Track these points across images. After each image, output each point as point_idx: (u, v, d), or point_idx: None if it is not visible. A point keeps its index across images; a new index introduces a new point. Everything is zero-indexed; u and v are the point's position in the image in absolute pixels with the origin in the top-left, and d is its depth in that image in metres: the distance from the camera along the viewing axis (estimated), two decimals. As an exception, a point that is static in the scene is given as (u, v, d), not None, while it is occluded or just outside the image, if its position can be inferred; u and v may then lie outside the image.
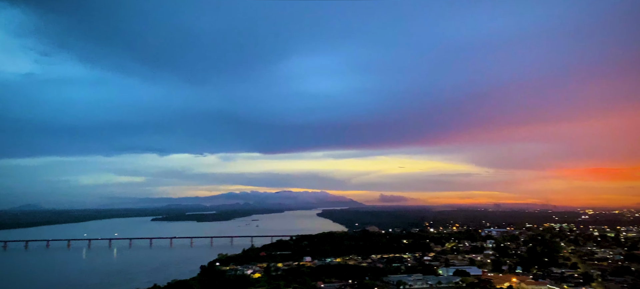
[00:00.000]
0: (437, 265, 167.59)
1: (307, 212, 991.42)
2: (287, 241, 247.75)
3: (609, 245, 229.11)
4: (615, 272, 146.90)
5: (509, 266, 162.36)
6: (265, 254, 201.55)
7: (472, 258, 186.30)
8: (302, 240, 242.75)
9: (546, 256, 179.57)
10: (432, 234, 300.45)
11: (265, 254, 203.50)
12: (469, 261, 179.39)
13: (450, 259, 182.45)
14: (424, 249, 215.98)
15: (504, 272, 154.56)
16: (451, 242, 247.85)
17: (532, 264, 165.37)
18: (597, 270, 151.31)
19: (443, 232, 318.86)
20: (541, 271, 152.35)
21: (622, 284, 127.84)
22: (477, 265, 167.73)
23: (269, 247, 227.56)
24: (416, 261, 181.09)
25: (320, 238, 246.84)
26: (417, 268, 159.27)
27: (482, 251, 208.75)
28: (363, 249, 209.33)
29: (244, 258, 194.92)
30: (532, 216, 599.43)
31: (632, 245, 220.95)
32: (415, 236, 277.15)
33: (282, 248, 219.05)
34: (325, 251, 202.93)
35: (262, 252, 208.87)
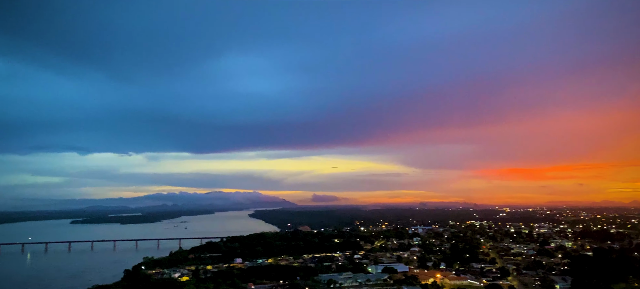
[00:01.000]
0: (366, 263, 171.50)
1: (239, 213, 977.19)
2: (217, 243, 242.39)
3: (524, 241, 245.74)
4: (528, 266, 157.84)
5: (434, 263, 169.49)
6: (194, 257, 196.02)
7: (399, 256, 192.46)
8: (233, 241, 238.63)
9: (467, 252, 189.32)
10: (363, 233, 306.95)
11: (194, 256, 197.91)
12: (396, 258, 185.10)
13: (379, 257, 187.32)
14: (355, 247, 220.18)
15: (429, 268, 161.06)
16: (380, 240, 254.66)
17: (455, 260, 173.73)
18: (512, 265, 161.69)
19: (373, 231, 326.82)
20: (463, 267, 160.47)
21: (534, 277, 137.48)
22: (404, 262, 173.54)
23: (198, 249, 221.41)
24: (347, 259, 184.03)
25: (252, 239, 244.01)
26: (347, 267, 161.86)
27: (409, 249, 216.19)
28: (295, 250, 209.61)
29: (171, 261, 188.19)
30: (455, 214, 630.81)
31: (543, 241, 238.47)
32: (346, 235, 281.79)
33: (212, 250, 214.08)
34: (257, 252, 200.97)
35: (190, 254, 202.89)
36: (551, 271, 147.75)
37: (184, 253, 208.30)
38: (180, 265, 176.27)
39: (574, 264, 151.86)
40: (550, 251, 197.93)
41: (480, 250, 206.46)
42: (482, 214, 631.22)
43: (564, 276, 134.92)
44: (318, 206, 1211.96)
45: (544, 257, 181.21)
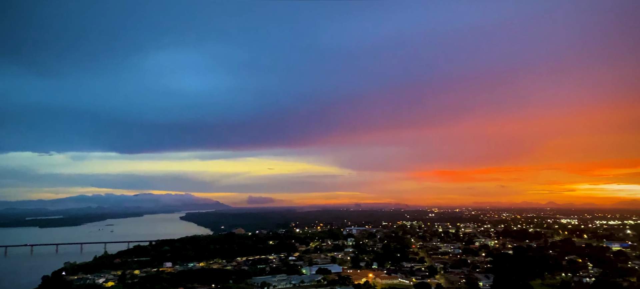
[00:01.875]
0: (301, 265, 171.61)
1: (170, 215, 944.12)
2: (146, 246, 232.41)
3: (451, 240, 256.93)
4: (454, 264, 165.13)
5: (366, 262, 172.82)
6: (120, 261, 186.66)
7: (334, 256, 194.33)
8: (163, 244, 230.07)
9: (398, 252, 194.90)
10: (298, 234, 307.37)
11: (120, 261, 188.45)
12: (330, 259, 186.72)
13: (313, 258, 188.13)
14: (290, 249, 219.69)
15: (362, 268, 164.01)
16: (315, 241, 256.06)
17: (387, 259, 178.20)
18: (440, 263, 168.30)
19: (308, 232, 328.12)
20: (394, 266, 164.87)
21: (460, 275, 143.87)
22: (338, 263, 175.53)
23: (126, 253, 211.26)
24: (281, 261, 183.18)
25: (183, 242, 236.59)
26: (281, 269, 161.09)
27: (343, 249, 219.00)
28: (228, 253, 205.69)
29: (95, 265, 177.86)
30: (387, 215, 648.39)
31: (468, 240, 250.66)
32: (281, 237, 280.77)
33: (140, 254, 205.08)
34: (188, 256, 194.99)
35: (117, 259, 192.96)
36: (475, 269, 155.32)
37: (110, 258, 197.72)
38: (106, 270, 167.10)
39: (496, 262, 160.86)
40: (475, 249, 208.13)
41: (411, 250, 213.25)
42: (412, 214, 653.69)
43: (487, 274, 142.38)
44: (253, 208, 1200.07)
45: (469, 255, 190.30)
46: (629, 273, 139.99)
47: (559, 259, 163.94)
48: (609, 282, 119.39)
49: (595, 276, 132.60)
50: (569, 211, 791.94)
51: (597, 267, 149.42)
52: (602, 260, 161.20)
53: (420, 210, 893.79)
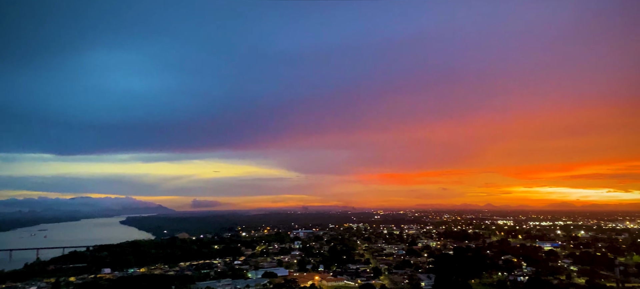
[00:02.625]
0: (247, 269, 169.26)
1: (109, 220, 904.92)
2: (82, 252, 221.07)
3: (395, 242, 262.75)
4: (398, 265, 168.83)
5: (313, 265, 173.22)
6: (54, 268, 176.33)
7: (280, 260, 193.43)
8: (101, 250, 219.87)
9: (345, 254, 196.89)
10: (244, 238, 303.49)
11: (54, 268, 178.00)
12: (277, 262, 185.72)
13: (260, 262, 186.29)
14: (235, 253, 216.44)
15: (309, 271, 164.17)
16: (262, 245, 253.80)
17: (333, 262, 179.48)
18: (385, 264, 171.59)
19: (254, 236, 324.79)
20: (340, 268, 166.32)
21: (403, 276, 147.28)
22: (285, 266, 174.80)
23: (60, 260, 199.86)
24: (226, 266, 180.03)
25: (123, 247, 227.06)
26: (227, 273, 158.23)
27: (290, 252, 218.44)
28: (171, 257, 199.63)
29: (26, 273, 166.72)
30: (334, 217, 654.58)
31: (412, 241, 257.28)
32: (226, 241, 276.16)
33: (77, 260, 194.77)
34: (128, 262, 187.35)
35: (50, 266, 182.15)
36: (418, 270, 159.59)
37: (43, 265, 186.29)
38: (37, 278, 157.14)
39: (437, 263, 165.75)
40: (418, 250, 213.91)
41: (357, 251, 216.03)
42: (359, 216, 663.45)
43: (429, 274, 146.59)
44: (198, 212, 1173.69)
45: (412, 256, 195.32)
46: (559, 271, 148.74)
47: (496, 259, 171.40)
48: (540, 280, 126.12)
49: (529, 275, 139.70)
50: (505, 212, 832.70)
51: (531, 266, 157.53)
52: (535, 259, 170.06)
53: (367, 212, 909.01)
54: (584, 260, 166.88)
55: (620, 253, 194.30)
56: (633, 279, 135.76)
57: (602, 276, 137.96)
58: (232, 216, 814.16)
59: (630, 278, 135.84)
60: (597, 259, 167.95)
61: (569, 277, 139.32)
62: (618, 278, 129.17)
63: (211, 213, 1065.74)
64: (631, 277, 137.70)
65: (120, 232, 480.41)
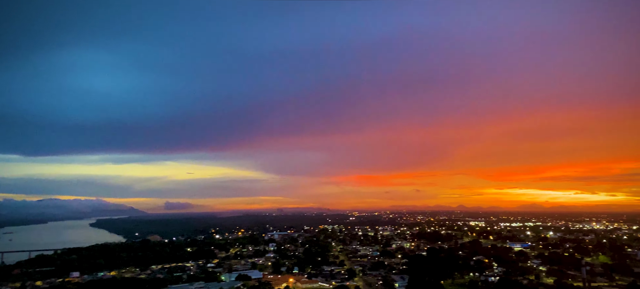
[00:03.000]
0: (220, 271, 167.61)
1: (79, 222, 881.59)
2: (50, 255, 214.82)
3: (370, 243, 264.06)
4: (372, 267, 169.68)
5: (288, 267, 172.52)
6: (20, 272, 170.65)
7: (254, 262, 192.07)
8: (70, 253, 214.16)
9: (319, 256, 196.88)
10: (218, 240, 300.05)
11: (20, 272, 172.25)
12: (251, 265, 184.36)
13: (233, 265, 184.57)
14: (209, 256, 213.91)
15: (283, 273, 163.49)
16: (236, 247, 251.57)
17: (308, 264, 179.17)
18: (359, 266, 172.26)
19: (228, 238, 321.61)
20: (314, 270, 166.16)
21: (377, 277, 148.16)
22: (259, 268, 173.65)
23: (26, 264, 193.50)
24: (200, 269, 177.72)
25: (92, 250, 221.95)
26: (200, 276, 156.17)
27: (264, 255, 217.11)
28: (143, 260, 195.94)
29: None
30: (310, 219, 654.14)
31: (386, 242, 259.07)
32: (200, 243, 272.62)
33: (44, 264, 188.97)
34: (98, 265, 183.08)
35: (15, 270, 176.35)
36: (392, 271, 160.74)
37: (8, 269, 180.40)
38: (2, 283, 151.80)
39: (410, 264, 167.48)
40: (392, 251, 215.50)
41: (332, 253, 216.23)
42: (334, 218, 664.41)
43: (403, 275, 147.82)
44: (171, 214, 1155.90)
45: (386, 258, 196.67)
46: (528, 271, 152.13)
47: (468, 260, 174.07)
48: (511, 280, 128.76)
49: (500, 275, 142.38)
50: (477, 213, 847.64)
51: (501, 266, 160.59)
52: (506, 260, 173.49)
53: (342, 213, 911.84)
54: (553, 260, 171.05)
55: (587, 254, 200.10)
56: (599, 278, 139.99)
57: (570, 276, 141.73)
58: (205, 218, 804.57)
59: (596, 278, 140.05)
60: (564, 260, 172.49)
61: (538, 277, 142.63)
62: (585, 278, 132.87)
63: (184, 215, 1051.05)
64: (597, 277, 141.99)
65: (90, 235, 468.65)
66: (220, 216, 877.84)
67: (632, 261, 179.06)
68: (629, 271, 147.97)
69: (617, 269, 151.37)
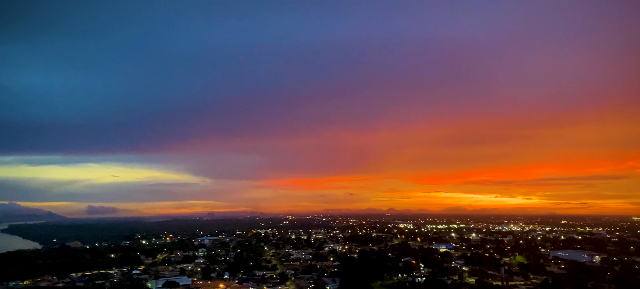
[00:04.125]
0: (146, 278, 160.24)
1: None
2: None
3: (303, 246, 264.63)
4: (305, 270, 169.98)
5: (218, 273, 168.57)
6: None
7: (183, 268, 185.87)
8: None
9: (251, 261, 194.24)
10: (144, 246, 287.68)
11: None
12: (179, 271, 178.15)
13: (161, 271, 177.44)
14: (134, 262, 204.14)
15: (213, 279, 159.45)
16: (163, 253, 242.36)
17: (239, 269, 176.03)
18: (291, 270, 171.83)
19: (156, 244, 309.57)
20: (246, 275, 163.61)
21: (309, 280, 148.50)
22: (188, 274, 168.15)
23: None
24: (124, 276, 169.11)
25: (4, 258, 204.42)
26: (124, 283, 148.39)
27: (193, 260, 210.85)
28: (61, 268, 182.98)
29: None
30: (242, 223, 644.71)
31: (319, 245, 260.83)
32: (125, 249, 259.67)
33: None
34: (10, 274, 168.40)
35: None
36: (324, 274, 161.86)
37: None
38: None
39: (342, 266, 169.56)
40: (324, 255, 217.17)
41: (264, 257, 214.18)
42: (267, 222, 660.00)
43: (334, 278, 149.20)
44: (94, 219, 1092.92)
45: (318, 261, 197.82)
46: (452, 272, 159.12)
47: (397, 261, 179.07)
48: (436, 281, 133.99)
49: (426, 276, 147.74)
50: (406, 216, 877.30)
51: (428, 267, 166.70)
52: (432, 261, 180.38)
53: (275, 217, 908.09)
54: (474, 261, 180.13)
55: (505, 254, 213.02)
56: (516, 277, 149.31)
57: (490, 275, 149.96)
58: (131, 223, 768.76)
59: (514, 277, 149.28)
60: (485, 260, 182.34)
61: (461, 277, 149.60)
62: (503, 277, 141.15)
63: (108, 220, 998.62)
64: (514, 275, 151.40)
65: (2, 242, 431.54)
66: (148, 221, 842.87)
67: (545, 260, 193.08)
68: (542, 270, 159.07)
69: (532, 268, 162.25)
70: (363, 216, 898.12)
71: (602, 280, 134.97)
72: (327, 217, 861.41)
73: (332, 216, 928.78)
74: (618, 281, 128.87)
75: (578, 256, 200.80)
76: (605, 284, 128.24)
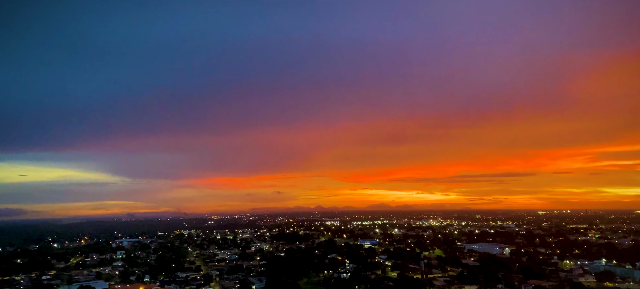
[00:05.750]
0: (58, 283, 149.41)
1: None
2: None
3: (228, 247, 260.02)
4: (230, 270, 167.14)
5: (138, 276, 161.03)
6: None
7: (99, 272, 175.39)
8: None
9: (174, 262, 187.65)
10: (56, 250, 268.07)
11: None
12: (95, 275, 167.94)
13: (74, 276, 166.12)
14: (44, 267, 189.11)
15: (132, 282, 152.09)
16: (78, 257, 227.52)
17: (160, 271, 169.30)
18: (216, 270, 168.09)
19: (69, 247, 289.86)
20: (168, 277, 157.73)
21: (235, 280, 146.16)
22: (105, 278, 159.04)
23: None
24: (32, 282, 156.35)
25: None
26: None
27: (111, 263, 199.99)
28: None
29: None
30: (165, 224, 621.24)
31: (245, 245, 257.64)
32: (33, 253, 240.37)
33: None
34: None
35: None
36: (250, 273, 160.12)
37: None
38: None
39: (269, 265, 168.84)
40: (251, 254, 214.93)
41: (187, 259, 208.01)
42: (192, 223, 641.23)
43: (260, 277, 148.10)
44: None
45: (245, 260, 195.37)
46: (376, 266, 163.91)
47: (323, 258, 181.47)
48: (361, 276, 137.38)
49: (351, 272, 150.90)
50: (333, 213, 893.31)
51: (353, 263, 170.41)
52: (357, 257, 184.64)
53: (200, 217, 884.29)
54: (397, 255, 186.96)
55: (425, 248, 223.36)
56: (434, 270, 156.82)
57: (411, 269, 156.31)
58: (41, 225, 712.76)
59: (432, 270, 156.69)
60: (407, 254, 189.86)
61: (384, 271, 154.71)
62: (423, 270, 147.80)
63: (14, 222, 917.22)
64: (433, 268, 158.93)
65: None
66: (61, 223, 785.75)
67: (461, 253, 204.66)
68: (458, 262, 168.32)
69: (449, 261, 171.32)
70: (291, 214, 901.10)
71: (511, 270, 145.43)
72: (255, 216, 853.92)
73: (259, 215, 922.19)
74: (525, 271, 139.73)
75: (490, 248, 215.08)
76: (513, 274, 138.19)
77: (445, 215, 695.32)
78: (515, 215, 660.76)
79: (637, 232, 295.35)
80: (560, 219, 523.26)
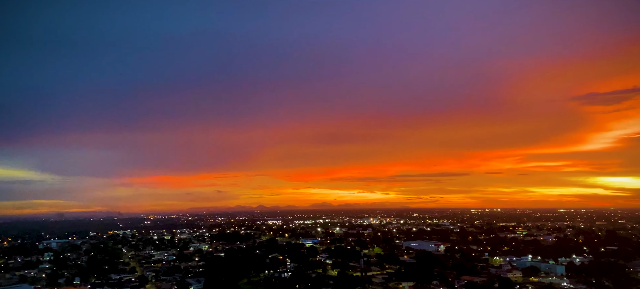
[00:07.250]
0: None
1: None
2: None
3: (166, 247, 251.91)
4: (167, 271, 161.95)
5: (67, 279, 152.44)
6: None
7: (24, 275, 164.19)
8: None
9: (107, 264, 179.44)
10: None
11: None
12: (19, 278, 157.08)
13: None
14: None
15: (61, 285, 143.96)
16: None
17: (92, 273, 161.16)
18: (152, 272, 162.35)
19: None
20: (100, 280, 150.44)
21: (172, 282, 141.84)
22: (30, 281, 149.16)
23: None
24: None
25: None
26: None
27: (37, 266, 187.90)
28: None
29: None
30: (97, 224, 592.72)
31: (183, 246, 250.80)
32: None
33: None
34: None
35: None
36: (188, 274, 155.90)
37: None
38: None
39: (208, 266, 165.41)
40: (189, 255, 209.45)
41: (122, 260, 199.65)
42: (126, 223, 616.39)
43: (199, 278, 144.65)
44: None
45: (183, 261, 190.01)
46: (317, 265, 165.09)
47: (264, 258, 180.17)
48: (302, 275, 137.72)
49: (292, 271, 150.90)
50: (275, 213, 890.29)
51: (294, 262, 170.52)
52: (299, 256, 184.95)
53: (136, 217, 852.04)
54: (337, 253, 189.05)
55: (365, 246, 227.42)
56: (374, 267, 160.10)
57: (351, 266, 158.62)
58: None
59: (372, 267, 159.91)
60: (347, 252, 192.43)
61: (325, 270, 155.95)
62: (362, 268, 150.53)
63: None
64: (372, 266, 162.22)
65: None
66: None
67: (399, 250, 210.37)
68: (396, 259, 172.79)
69: (388, 258, 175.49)
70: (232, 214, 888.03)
71: (445, 267, 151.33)
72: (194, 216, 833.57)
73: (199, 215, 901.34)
74: (458, 267, 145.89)
75: (427, 246, 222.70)
76: (448, 271, 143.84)
77: (385, 214, 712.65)
78: (450, 214, 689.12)
79: (560, 230, 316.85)
80: (491, 217, 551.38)
